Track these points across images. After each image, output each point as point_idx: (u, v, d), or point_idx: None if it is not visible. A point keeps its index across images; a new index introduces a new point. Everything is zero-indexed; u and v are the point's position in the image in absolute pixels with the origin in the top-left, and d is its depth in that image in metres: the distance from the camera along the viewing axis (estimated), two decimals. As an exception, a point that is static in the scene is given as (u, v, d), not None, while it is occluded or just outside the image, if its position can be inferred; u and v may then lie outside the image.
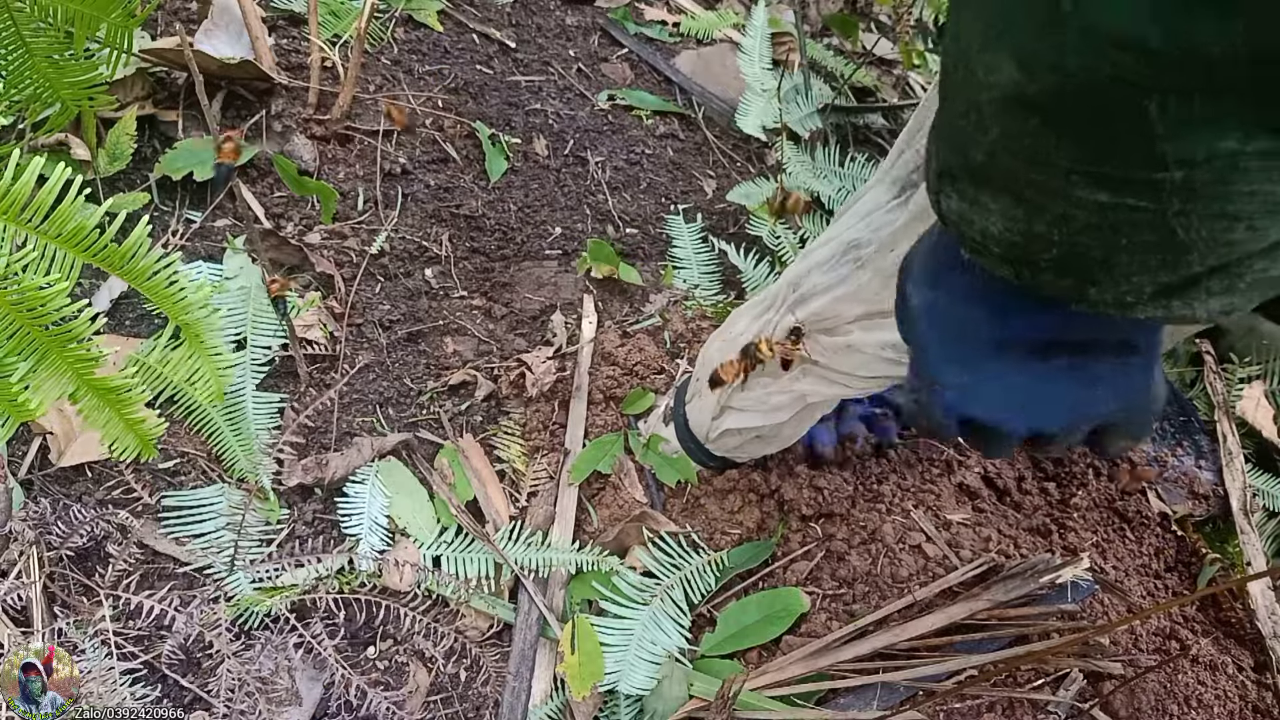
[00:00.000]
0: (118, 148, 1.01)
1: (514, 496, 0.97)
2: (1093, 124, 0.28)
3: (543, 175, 1.26)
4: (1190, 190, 0.28)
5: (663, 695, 0.82)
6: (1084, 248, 0.32)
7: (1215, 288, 0.32)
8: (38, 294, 0.54)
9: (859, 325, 0.68)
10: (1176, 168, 0.27)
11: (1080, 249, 0.32)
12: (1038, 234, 0.33)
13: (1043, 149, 0.30)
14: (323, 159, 1.13)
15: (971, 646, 0.84)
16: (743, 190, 1.27)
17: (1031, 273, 0.35)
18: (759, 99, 1.37)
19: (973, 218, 0.36)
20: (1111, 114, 0.27)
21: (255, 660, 0.77)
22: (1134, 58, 0.25)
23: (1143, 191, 0.29)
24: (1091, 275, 0.34)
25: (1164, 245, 0.30)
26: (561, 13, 1.50)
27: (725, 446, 0.91)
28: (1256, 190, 0.27)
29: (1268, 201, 0.28)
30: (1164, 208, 0.29)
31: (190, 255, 1.01)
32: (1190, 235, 0.29)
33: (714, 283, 1.21)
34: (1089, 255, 0.32)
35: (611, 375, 1.05)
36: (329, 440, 0.95)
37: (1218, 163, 0.27)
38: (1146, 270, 0.32)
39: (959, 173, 0.35)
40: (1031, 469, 1.07)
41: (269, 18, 1.21)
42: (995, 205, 0.34)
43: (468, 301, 1.12)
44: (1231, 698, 0.89)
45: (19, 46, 0.82)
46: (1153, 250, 0.31)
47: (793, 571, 0.91)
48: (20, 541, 0.79)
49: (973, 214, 0.35)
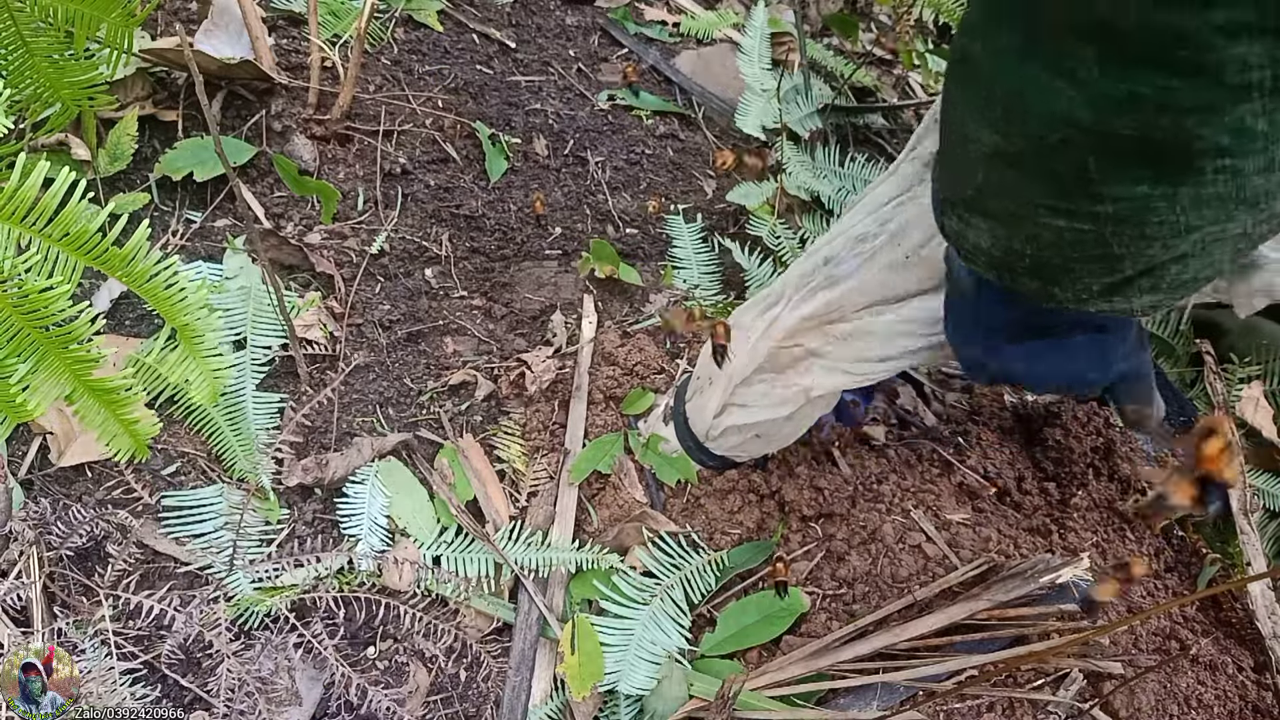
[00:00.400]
0: (118, 148, 1.01)
1: (514, 496, 0.97)
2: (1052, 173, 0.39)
3: (543, 175, 1.26)
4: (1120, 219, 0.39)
5: (663, 695, 0.82)
6: (1048, 258, 0.44)
7: (1144, 285, 0.43)
8: (39, 296, 0.54)
9: (868, 312, 0.70)
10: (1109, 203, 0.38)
11: (1045, 259, 0.44)
12: (1014, 249, 0.45)
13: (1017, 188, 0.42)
14: (323, 159, 1.13)
15: (971, 646, 0.84)
16: (742, 190, 1.27)
17: (1011, 277, 0.48)
18: (759, 99, 1.36)
19: (967, 235, 0.48)
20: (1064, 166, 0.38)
21: (255, 660, 0.77)
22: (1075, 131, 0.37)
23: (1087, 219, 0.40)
24: (1055, 278, 0.46)
25: (1104, 257, 0.42)
26: (561, 13, 1.50)
27: (725, 445, 0.91)
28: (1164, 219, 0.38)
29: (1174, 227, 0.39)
30: (1102, 230, 0.40)
31: (190, 255, 1.01)
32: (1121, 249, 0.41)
33: (714, 283, 1.21)
34: (1052, 263, 0.44)
35: (611, 375, 1.05)
36: (329, 440, 0.95)
37: (1136, 201, 0.38)
38: (1093, 275, 0.44)
39: (956, 202, 0.47)
40: (1031, 469, 1.07)
41: (269, 18, 1.21)
42: (984, 226, 0.46)
43: (468, 301, 1.12)
44: (1231, 698, 0.89)
45: (19, 46, 0.82)
46: (1096, 260, 0.42)
47: (793, 571, 0.91)
48: (20, 541, 0.79)
49: (967, 232, 0.48)
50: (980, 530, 0.94)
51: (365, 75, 1.20)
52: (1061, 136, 0.37)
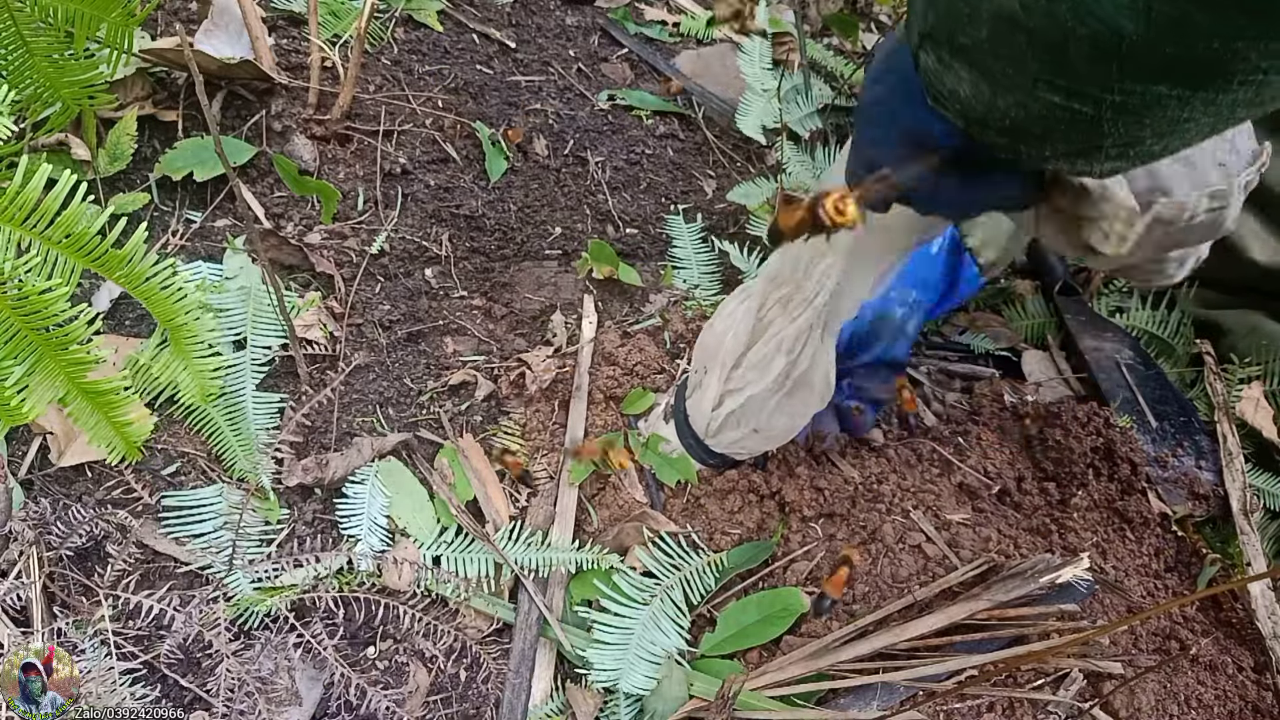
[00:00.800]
0: (118, 148, 1.01)
1: (514, 496, 0.97)
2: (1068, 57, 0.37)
3: (543, 175, 1.26)
4: (1123, 107, 0.38)
5: (663, 695, 0.82)
6: (1029, 125, 0.43)
7: (1113, 154, 0.43)
8: (38, 298, 0.54)
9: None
10: (1119, 94, 0.37)
11: (1026, 125, 0.43)
12: (997, 108, 0.43)
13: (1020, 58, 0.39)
14: (323, 159, 1.13)
15: (971, 646, 0.84)
16: (743, 190, 1.27)
17: (979, 130, 0.46)
18: (759, 99, 1.36)
19: (944, 78, 0.45)
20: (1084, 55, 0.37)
21: (255, 660, 0.77)
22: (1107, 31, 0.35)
23: (1088, 102, 0.39)
24: (1026, 142, 0.45)
25: (1090, 134, 0.41)
26: (561, 13, 1.50)
27: (725, 442, 0.91)
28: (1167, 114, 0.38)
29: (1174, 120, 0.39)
30: (1100, 115, 0.39)
31: (190, 255, 1.01)
32: (1111, 130, 0.40)
33: (714, 283, 1.21)
34: (1031, 131, 0.43)
35: (611, 375, 1.05)
36: (329, 440, 0.95)
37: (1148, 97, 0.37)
38: (1069, 143, 0.43)
39: (942, 41, 0.44)
40: (1031, 469, 1.07)
41: (269, 18, 1.21)
42: (966, 76, 0.43)
43: (468, 301, 1.12)
44: (1231, 698, 0.89)
45: (19, 46, 0.82)
46: (1080, 135, 0.42)
47: (793, 571, 0.91)
48: (20, 541, 0.79)
49: (945, 75, 0.45)
50: (980, 530, 0.94)
51: (365, 75, 1.20)
52: (1092, 33, 0.35)
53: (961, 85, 0.44)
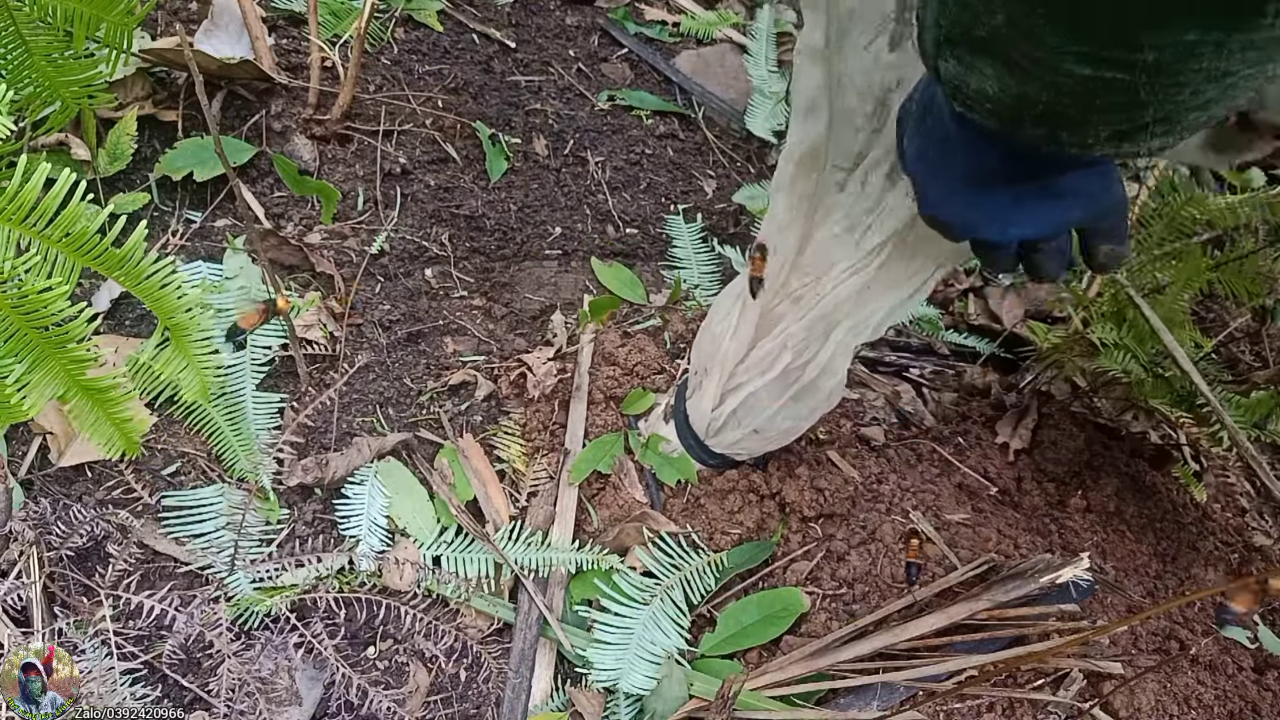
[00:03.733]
0: (118, 148, 1.01)
1: (514, 496, 0.97)
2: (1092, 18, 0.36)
3: (543, 175, 1.26)
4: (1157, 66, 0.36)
5: (663, 695, 0.82)
6: (1064, 107, 0.41)
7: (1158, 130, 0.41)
8: (38, 297, 0.54)
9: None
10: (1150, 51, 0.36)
11: (1060, 108, 0.41)
12: (1027, 96, 0.42)
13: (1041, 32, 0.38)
14: (323, 159, 1.13)
15: (971, 646, 0.84)
16: (747, 192, 1.27)
17: (1014, 125, 0.45)
18: (767, 102, 1.37)
19: (969, 79, 0.44)
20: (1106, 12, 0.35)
21: (255, 660, 0.77)
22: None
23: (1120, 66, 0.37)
24: (1065, 126, 0.43)
25: (1128, 105, 0.39)
26: (561, 13, 1.50)
27: (725, 442, 0.91)
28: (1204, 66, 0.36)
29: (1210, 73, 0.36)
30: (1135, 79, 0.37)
31: (190, 255, 1.01)
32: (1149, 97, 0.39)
33: (714, 283, 1.21)
34: (1067, 113, 0.42)
35: (612, 375, 1.05)
36: (329, 440, 0.95)
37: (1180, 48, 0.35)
38: (1109, 123, 0.42)
39: (959, 41, 0.43)
40: (1031, 469, 1.07)
41: (269, 18, 1.21)
42: (991, 71, 0.42)
43: (468, 301, 1.12)
44: (1231, 698, 0.89)
45: (18, 45, 0.82)
46: (1118, 108, 0.40)
47: (793, 571, 0.91)
48: (20, 541, 0.79)
49: (968, 77, 0.44)
50: (980, 530, 0.94)
51: (365, 75, 1.20)
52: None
53: (987, 83, 0.43)
